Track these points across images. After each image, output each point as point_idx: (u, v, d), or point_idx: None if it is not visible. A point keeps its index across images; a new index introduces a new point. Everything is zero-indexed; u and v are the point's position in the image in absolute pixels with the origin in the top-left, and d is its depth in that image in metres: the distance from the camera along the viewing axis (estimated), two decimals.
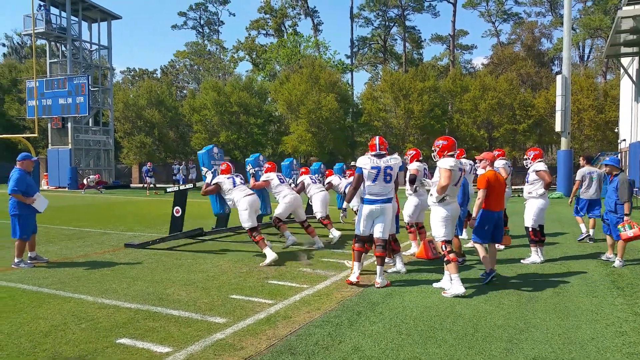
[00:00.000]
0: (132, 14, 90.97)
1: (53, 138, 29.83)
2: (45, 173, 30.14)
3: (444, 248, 5.43)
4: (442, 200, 5.44)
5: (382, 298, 5.22)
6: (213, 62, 53.29)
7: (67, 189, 27.60)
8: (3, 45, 55.13)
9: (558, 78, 21.52)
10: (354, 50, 49.84)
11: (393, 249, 6.51)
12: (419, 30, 52.31)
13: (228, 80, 43.31)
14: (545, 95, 29.56)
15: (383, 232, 5.71)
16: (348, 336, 4.12)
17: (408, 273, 6.40)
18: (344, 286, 5.72)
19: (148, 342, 3.97)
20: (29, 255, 7.09)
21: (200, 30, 58.65)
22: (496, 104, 29.42)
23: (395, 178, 5.77)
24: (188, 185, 9.05)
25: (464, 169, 5.64)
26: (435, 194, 5.48)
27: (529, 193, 7.25)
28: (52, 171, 29.27)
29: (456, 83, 31.59)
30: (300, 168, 10.44)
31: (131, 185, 32.15)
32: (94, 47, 32.06)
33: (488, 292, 5.46)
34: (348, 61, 48.01)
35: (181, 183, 22.04)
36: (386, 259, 6.82)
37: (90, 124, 31.02)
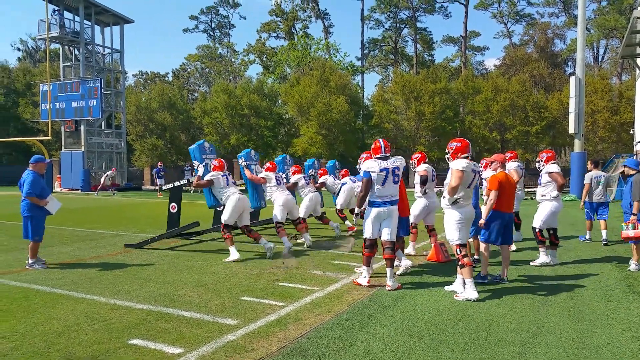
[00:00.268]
0: (145, 18, 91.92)
1: (66, 141, 30.16)
2: (58, 175, 30.48)
3: (459, 252, 5.36)
4: (455, 202, 5.38)
5: (393, 301, 5.20)
6: (224, 65, 53.61)
7: (80, 191, 27.88)
8: (18, 49, 55.85)
9: (572, 79, 21.29)
10: (365, 52, 49.82)
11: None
12: (431, 31, 52.19)
13: (239, 83, 43.53)
14: (558, 96, 29.29)
15: (391, 235, 5.70)
16: (359, 339, 4.10)
17: (419, 276, 6.37)
18: (355, 288, 5.71)
19: (160, 343, 3.99)
20: (28, 256, 7.09)
21: (211, 33, 59.07)
22: (509, 106, 29.19)
23: (401, 178, 5.78)
24: (182, 181, 9.31)
25: (481, 172, 5.58)
26: (447, 196, 5.44)
27: (542, 196, 7.18)
28: (65, 174, 29.58)
29: (468, 85, 31.42)
30: (293, 166, 10.68)
31: (143, 187, 32.39)
32: (107, 51, 32.40)
33: (501, 296, 5.41)
34: (359, 63, 48.01)
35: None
36: (395, 262, 6.82)
37: (102, 127, 31.34)
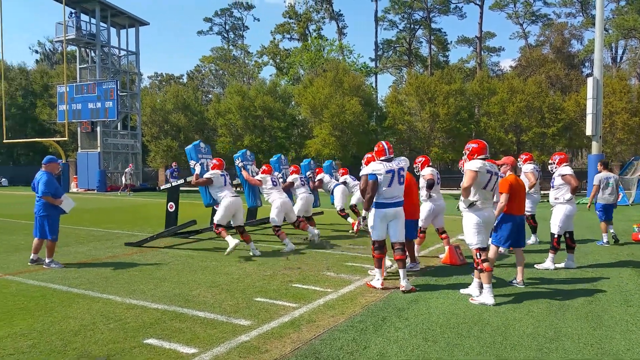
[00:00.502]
0: (160, 20, 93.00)
1: (83, 142, 30.56)
2: (74, 176, 30.90)
3: (478, 256, 5.27)
4: (472, 205, 5.29)
5: (408, 304, 5.16)
6: (238, 67, 53.89)
7: (96, 191, 28.22)
8: (36, 51, 56.86)
9: (589, 80, 20.99)
10: (379, 53, 49.72)
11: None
12: (445, 32, 51.80)
13: (252, 84, 43.72)
14: (575, 98, 28.89)
15: (399, 235, 5.71)
16: (373, 342, 4.07)
17: (434, 279, 6.32)
18: (368, 291, 5.68)
19: (175, 343, 4.01)
20: (32, 257, 7.18)
21: (225, 35, 59.47)
22: (524, 107, 28.86)
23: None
24: (180, 181, 9.55)
25: (499, 173, 5.50)
26: (463, 199, 5.39)
27: (556, 199, 7.10)
28: (82, 174, 29.98)
29: (483, 86, 31.15)
30: (292, 166, 10.81)
31: (161, 187, 32.68)
32: (123, 53, 32.80)
33: (517, 300, 5.34)
34: (372, 64, 47.92)
35: None
36: (410, 264, 6.78)
37: (118, 128, 31.70)
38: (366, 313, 4.83)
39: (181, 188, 9.75)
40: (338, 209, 10.83)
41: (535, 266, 7.03)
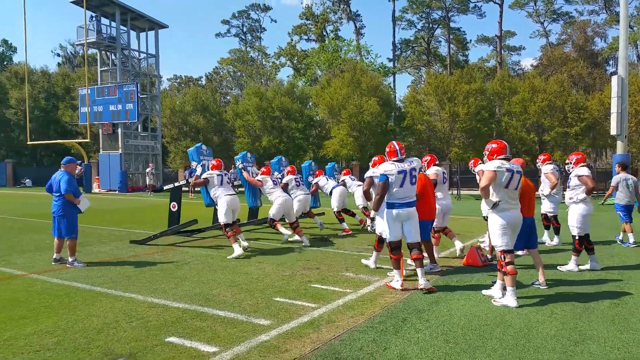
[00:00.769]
0: (179, 23, 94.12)
1: (104, 143, 31.07)
2: (96, 177, 31.41)
3: (503, 259, 5.19)
4: (495, 206, 5.19)
5: (428, 305, 5.11)
6: (255, 68, 54.18)
7: (118, 192, 28.65)
8: (58, 55, 58.11)
9: (613, 79, 20.56)
10: (397, 53, 49.48)
11: (376, 248, 6.90)
12: (464, 31, 51.36)
13: (270, 85, 43.90)
14: (599, 97, 28.31)
15: (414, 235, 5.71)
16: (393, 343, 4.04)
17: (454, 280, 6.25)
18: (388, 292, 5.64)
19: (196, 341, 4.04)
20: (54, 256, 7.28)
21: (242, 37, 59.89)
22: (546, 107, 28.39)
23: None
24: (182, 182, 9.77)
25: (521, 172, 5.42)
26: (485, 200, 5.32)
27: (570, 199, 7.02)
28: (103, 175, 30.48)
29: (504, 85, 30.74)
30: (288, 166, 11.09)
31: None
32: (142, 56, 33.24)
33: (539, 301, 5.25)
34: (390, 64, 47.72)
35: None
36: (430, 265, 6.72)
37: (139, 130, 32.14)
38: (386, 314, 4.80)
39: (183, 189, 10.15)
40: (335, 210, 10.95)
41: (558, 268, 6.91)
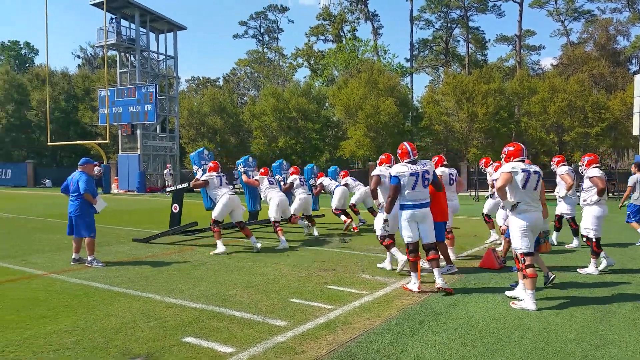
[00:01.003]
0: (197, 25, 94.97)
1: (123, 144, 31.47)
2: (115, 177, 31.85)
3: (523, 261, 5.12)
4: (515, 207, 5.15)
5: (446, 308, 5.06)
6: (272, 69, 54.40)
7: (136, 193, 29.01)
8: (78, 57, 59.01)
9: (637, 78, 20.18)
10: (414, 53, 49.19)
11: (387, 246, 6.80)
12: (483, 31, 50.81)
13: (287, 86, 44.04)
14: (621, 96, 27.80)
15: (430, 236, 5.70)
16: (410, 345, 4.01)
17: (472, 283, 6.18)
18: (405, 294, 5.60)
19: (212, 342, 4.06)
20: (73, 257, 7.35)
21: (260, 38, 60.23)
22: (566, 107, 27.96)
23: (431, 181, 5.72)
24: (184, 184, 10.21)
25: (539, 172, 5.36)
26: (504, 202, 5.26)
27: (584, 200, 6.96)
28: (122, 175, 30.88)
29: (523, 85, 30.37)
30: (290, 168, 11.48)
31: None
32: (161, 57, 33.60)
33: (559, 304, 5.16)
34: (407, 64, 47.45)
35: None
36: (446, 265, 6.66)
37: (157, 131, 32.48)
38: (403, 316, 4.77)
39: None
40: (333, 207, 11.23)
41: (578, 270, 6.79)
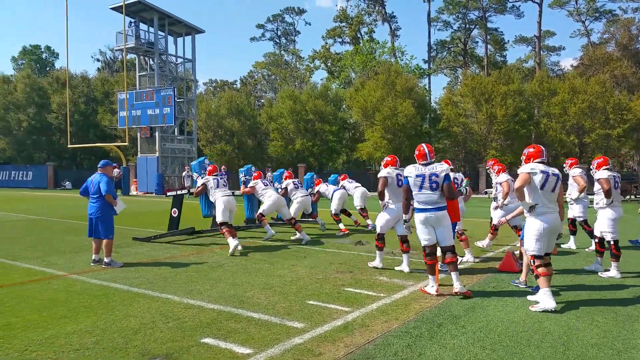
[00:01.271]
0: (214, 28, 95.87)
1: (142, 146, 31.86)
2: (134, 179, 32.27)
3: (533, 262, 5.14)
4: (532, 209, 5.11)
5: (464, 311, 5.01)
6: (289, 72, 54.59)
7: (155, 194, 29.33)
8: (97, 60, 59.90)
9: None
10: (432, 54, 48.89)
11: (403, 250, 6.92)
12: (502, 31, 50.20)
13: (304, 88, 44.14)
14: None
15: (447, 239, 5.66)
16: (428, 348, 3.98)
17: (491, 286, 6.11)
18: (423, 297, 5.56)
19: (230, 343, 4.08)
20: (93, 257, 7.43)
21: (277, 41, 60.44)
22: (587, 108, 27.49)
23: (442, 185, 5.62)
24: (184, 190, 10.48)
25: (558, 175, 5.30)
26: (522, 203, 5.22)
27: (596, 203, 6.89)
28: (141, 178, 31.25)
29: (543, 86, 29.95)
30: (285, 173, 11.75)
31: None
32: (179, 60, 33.99)
33: (579, 308, 5.08)
34: (425, 66, 47.18)
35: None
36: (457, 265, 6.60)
37: (175, 133, 32.83)
38: (421, 319, 4.73)
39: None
40: (332, 213, 11.35)
41: (599, 274, 6.68)
